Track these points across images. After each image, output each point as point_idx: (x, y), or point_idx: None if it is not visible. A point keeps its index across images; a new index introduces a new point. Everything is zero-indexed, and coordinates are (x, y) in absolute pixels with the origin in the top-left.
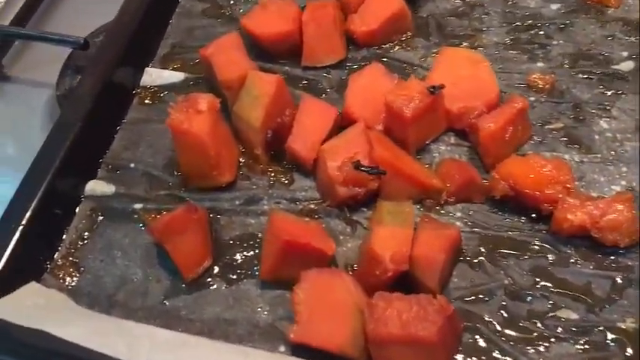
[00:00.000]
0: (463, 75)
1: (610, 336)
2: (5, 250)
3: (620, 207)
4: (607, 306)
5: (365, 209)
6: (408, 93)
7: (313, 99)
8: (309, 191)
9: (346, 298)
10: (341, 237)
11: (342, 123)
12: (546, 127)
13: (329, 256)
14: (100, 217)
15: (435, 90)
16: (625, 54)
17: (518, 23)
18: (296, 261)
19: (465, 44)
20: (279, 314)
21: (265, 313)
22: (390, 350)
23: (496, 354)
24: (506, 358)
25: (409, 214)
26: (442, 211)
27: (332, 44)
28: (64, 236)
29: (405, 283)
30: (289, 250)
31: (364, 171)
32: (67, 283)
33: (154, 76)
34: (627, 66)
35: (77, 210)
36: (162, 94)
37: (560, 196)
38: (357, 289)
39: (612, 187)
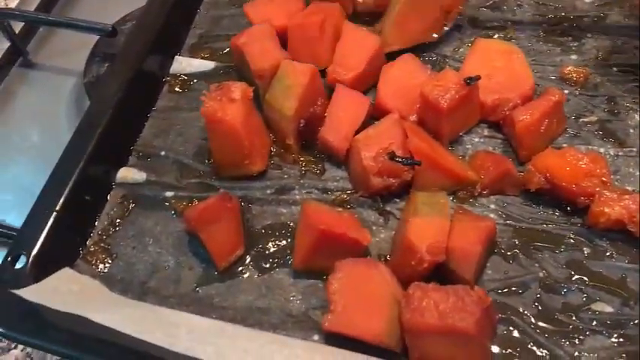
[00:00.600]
0: (497, 67)
1: None
2: (39, 237)
3: None
4: None
5: (397, 200)
6: (444, 84)
7: (346, 89)
8: (340, 181)
9: (382, 288)
10: (374, 227)
11: (375, 113)
12: (580, 120)
13: (364, 246)
14: (132, 205)
15: (471, 81)
16: None
17: (551, 15)
18: (330, 251)
19: (497, 36)
20: (312, 303)
21: (298, 302)
22: (426, 340)
23: (531, 346)
24: (541, 350)
25: (444, 204)
26: (476, 203)
27: (315, 51)
28: (96, 223)
29: (439, 274)
30: (324, 240)
31: (399, 161)
32: (99, 270)
33: (184, 64)
34: None
35: (109, 197)
36: (192, 83)
37: (597, 189)
38: (393, 280)
39: None
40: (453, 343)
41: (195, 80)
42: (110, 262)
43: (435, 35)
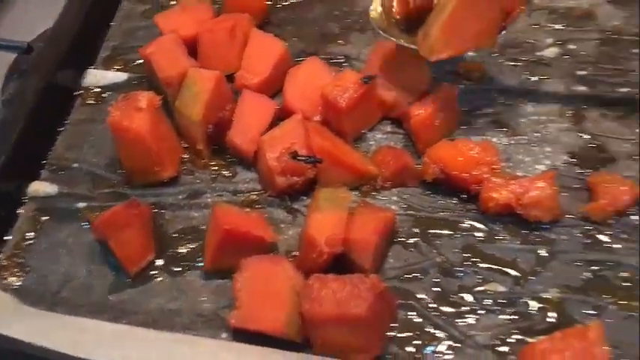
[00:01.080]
0: (396, 65)
1: (534, 305)
2: None
3: (541, 184)
4: (532, 278)
5: (305, 197)
6: (343, 84)
7: (253, 93)
8: (250, 183)
9: (285, 283)
10: (282, 225)
11: (282, 116)
12: (476, 112)
13: (268, 243)
14: (44, 218)
15: (367, 80)
16: (549, 41)
17: None
18: (237, 250)
19: None
20: (221, 303)
21: (208, 302)
22: (325, 329)
23: (429, 328)
24: (439, 331)
25: (344, 199)
26: (379, 196)
27: (225, 56)
28: (9, 237)
29: (342, 266)
30: (229, 239)
31: (301, 160)
32: (11, 283)
33: (98, 77)
34: (551, 52)
35: (21, 211)
36: (105, 95)
37: (486, 176)
38: (297, 274)
39: (537, 166)
40: (350, 330)
41: (109, 92)
42: (23, 275)
43: (492, 41)
